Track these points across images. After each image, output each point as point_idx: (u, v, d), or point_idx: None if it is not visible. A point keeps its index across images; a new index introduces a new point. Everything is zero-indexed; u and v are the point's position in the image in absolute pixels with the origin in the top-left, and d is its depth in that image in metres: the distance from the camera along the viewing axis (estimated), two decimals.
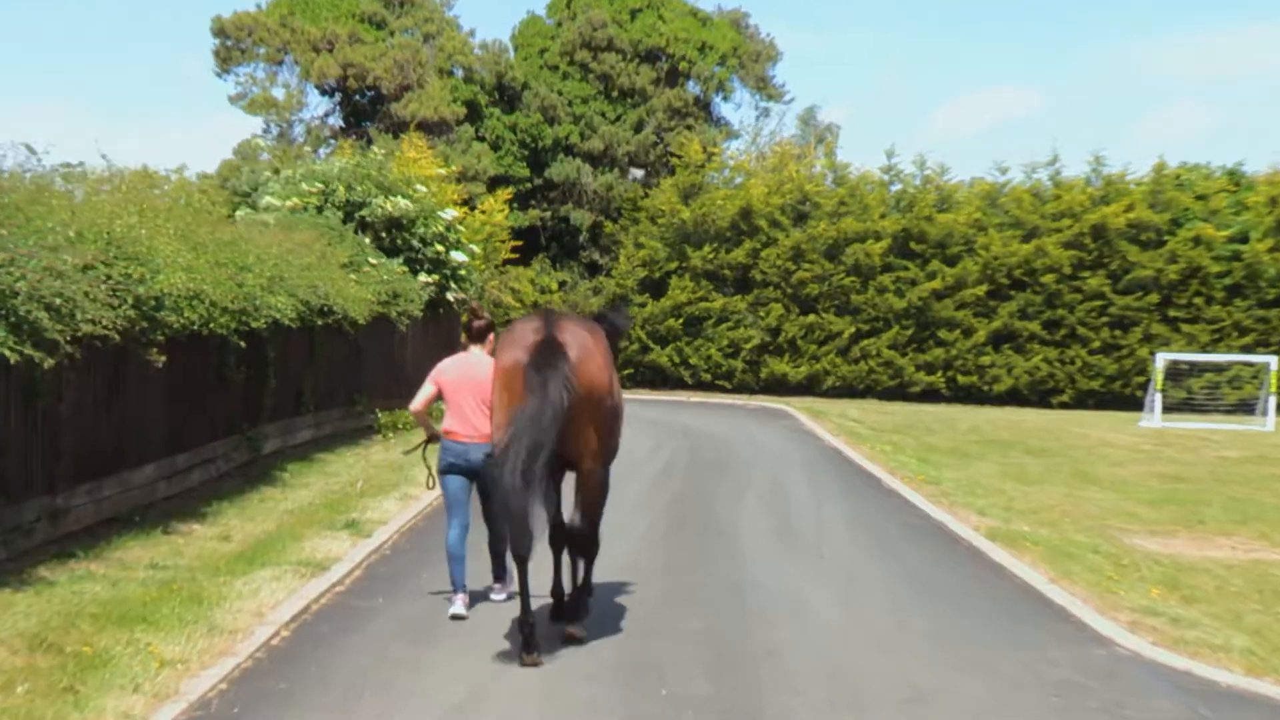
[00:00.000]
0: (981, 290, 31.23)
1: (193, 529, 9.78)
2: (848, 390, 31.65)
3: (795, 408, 26.43)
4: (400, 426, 17.98)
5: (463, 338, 8.04)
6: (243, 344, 11.61)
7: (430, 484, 8.32)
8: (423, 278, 19.52)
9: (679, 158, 34.52)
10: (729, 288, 32.85)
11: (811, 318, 31.87)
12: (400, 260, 19.11)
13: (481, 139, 35.30)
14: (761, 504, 12.57)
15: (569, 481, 7.12)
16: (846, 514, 12.06)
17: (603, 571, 8.89)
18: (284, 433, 14.40)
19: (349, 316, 15.19)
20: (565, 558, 7.55)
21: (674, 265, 32.92)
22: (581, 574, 7.32)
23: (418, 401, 7.92)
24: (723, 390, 31.98)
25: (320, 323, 14.50)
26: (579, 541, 7.18)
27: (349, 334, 16.12)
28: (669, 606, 8.00)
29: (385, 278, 17.46)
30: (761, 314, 32.18)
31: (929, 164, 33.15)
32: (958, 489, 13.77)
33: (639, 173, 36.54)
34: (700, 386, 32.10)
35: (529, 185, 36.11)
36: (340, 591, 8.18)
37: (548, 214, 36.68)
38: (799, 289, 32.00)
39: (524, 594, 6.73)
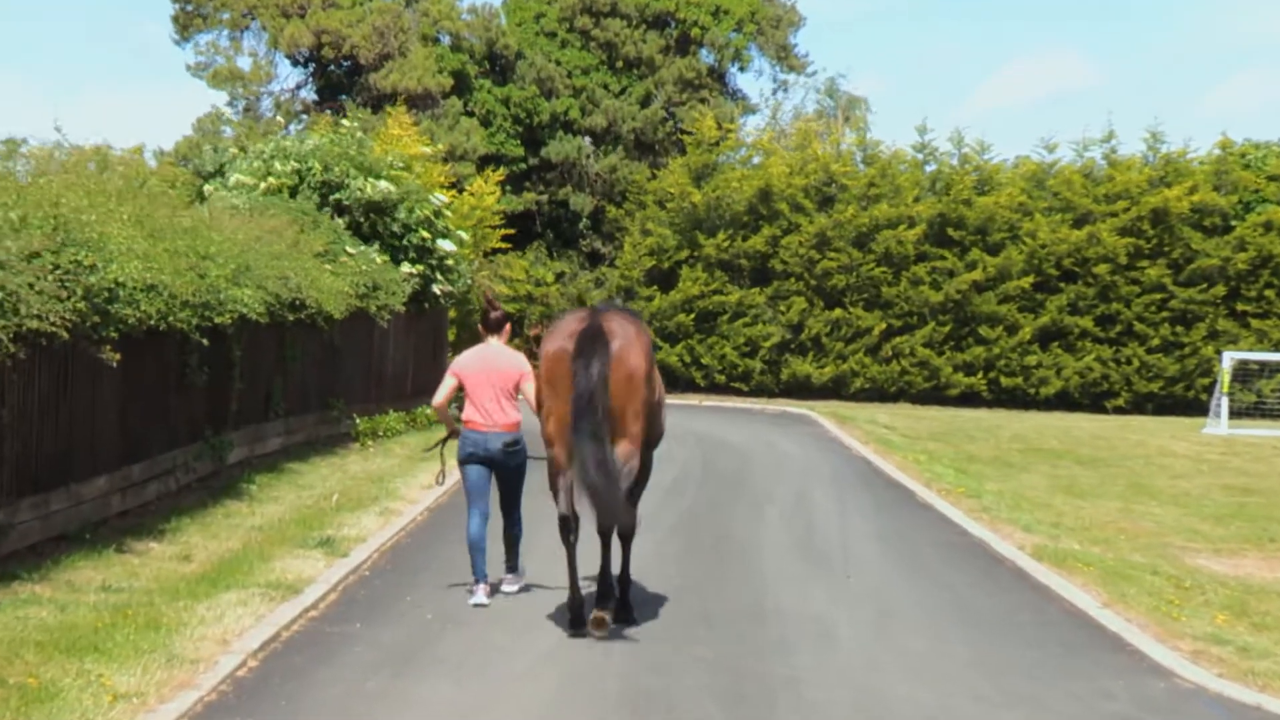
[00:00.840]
0: (1027, 282, 31.21)
1: (150, 547, 9.80)
2: (878, 393, 31.63)
3: (820, 413, 26.42)
4: (380, 434, 18.01)
5: (480, 329, 9.13)
6: (205, 341, 11.62)
7: (440, 479, 9.90)
8: (405, 268, 19.53)
9: (690, 134, 34.51)
10: (746, 279, 32.85)
11: (838, 312, 31.86)
12: (380, 248, 19.12)
13: (470, 114, 35.32)
14: (782, 520, 12.58)
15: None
16: (877, 531, 12.07)
17: None
18: (251, 440, 14.42)
19: (324, 311, 15.20)
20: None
21: (684, 254, 32.92)
22: (620, 564, 8.17)
23: (439, 396, 8.92)
24: (739, 393, 31.98)
25: (292, 318, 14.51)
26: (622, 529, 8.06)
27: (324, 331, 16.14)
28: (679, 632, 8.00)
29: (364, 268, 17.47)
30: (782, 308, 32.17)
31: (967, 141, 33.21)
32: (1000, 503, 13.76)
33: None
34: (714, 389, 32.10)
35: (523, 166, 36.14)
36: (314, 617, 8.19)
37: (544, 197, 36.70)
38: (824, 280, 32.00)
39: (573, 575, 8.02)
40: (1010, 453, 19.41)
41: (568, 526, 8.09)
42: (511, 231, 32.35)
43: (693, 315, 32.09)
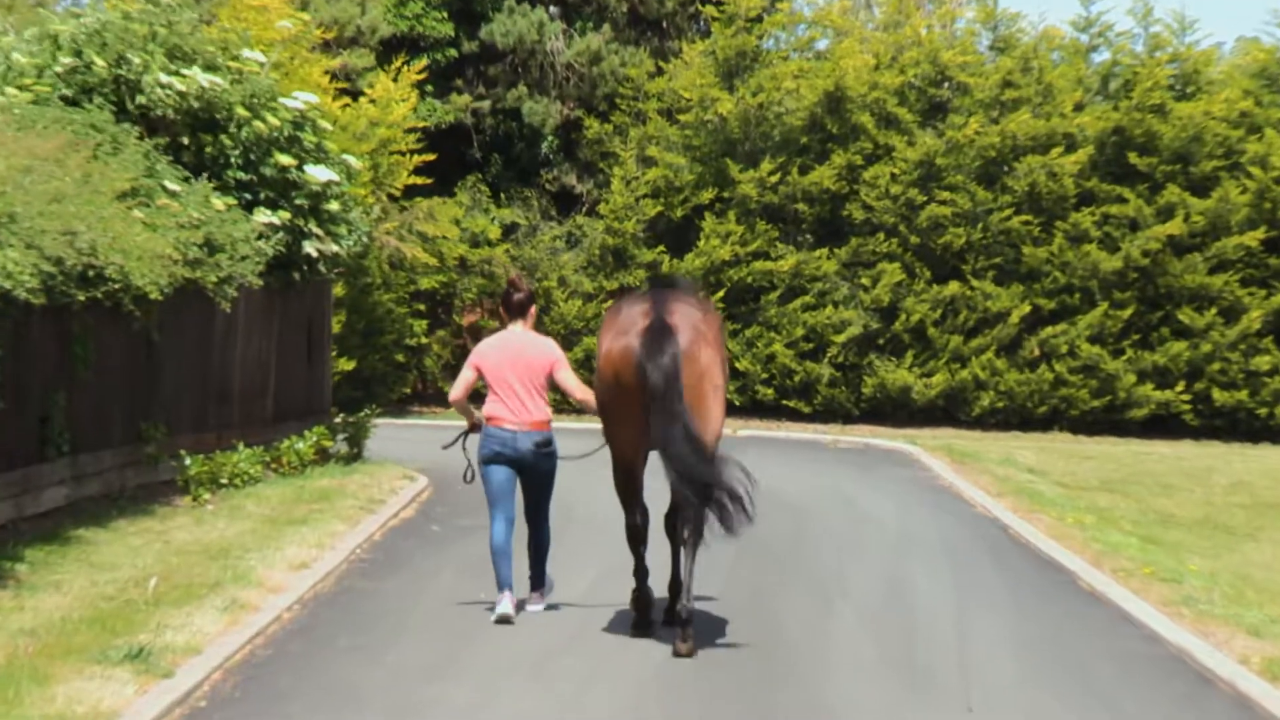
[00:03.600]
0: (1254, 238, 31.24)
1: None
2: (1017, 416, 31.63)
3: (926, 447, 26.36)
4: (226, 481, 17.97)
5: (500, 313, 11.97)
6: None
7: (469, 477, 12.26)
8: (261, 217, 19.44)
9: (718, 5, 34.46)
10: (806, 235, 32.82)
11: (954, 288, 31.84)
12: (219, 185, 19.00)
13: None
14: (864, 619, 12.61)
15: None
16: (1015, 637, 12.08)
17: None
18: (16, 492, 14.40)
19: (133, 287, 15.15)
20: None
21: (708, 195, 32.89)
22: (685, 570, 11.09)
23: (457, 389, 11.90)
24: (796, 416, 31.98)
25: (83, 297, 14.48)
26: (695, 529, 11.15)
27: (134, 318, 16.11)
28: None
29: (196, 216, 17.40)
30: (865, 281, 32.15)
31: (1158, 14, 33.31)
32: (1213, 591, 13.73)
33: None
34: (756, 409, 32.11)
35: (453, 54, 36.14)
36: None
37: (485, 104, 36.66)
38: (931, 236, 31.98)
39: (642, 580, 11.51)
40: (1228, 510, 19.37)
41: (638, 536, 11.57)
42: (433, 157, 32.23)
43: (722, 293, 32.07)
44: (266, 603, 12.14)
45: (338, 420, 22.18)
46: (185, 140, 19.23)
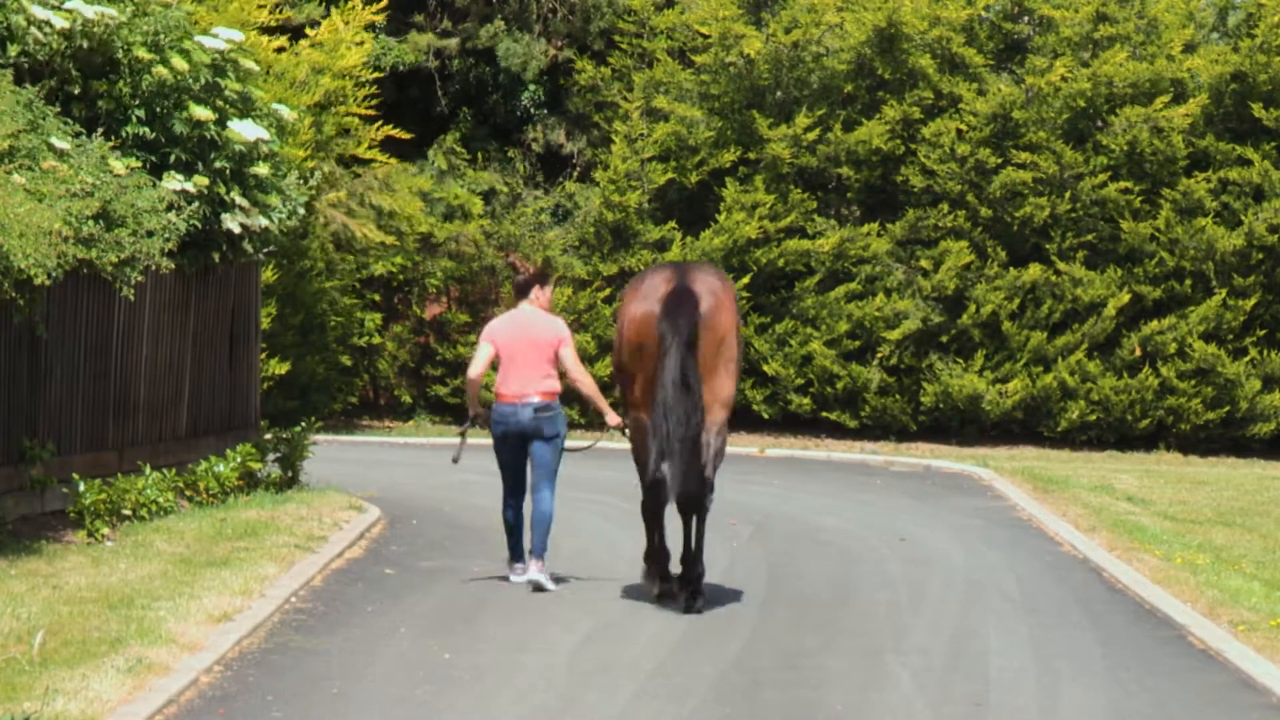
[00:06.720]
0: None
1: None
2: (1114, 431, 31.67)
3: (1000, 471, 26.35)
4: (130, 513, 17.92)
5: (510, 295, 15.50)
6: None
7: (456, 458, 15.70)
8: (171, 183, 19.37)
9: None
10: (853, 207, 32.78)
11: (1035, 272, 31.81)
12: (119, 143, 18.97)
13: None
14: (925, 686, 12.59)
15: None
16: (1111, 709, 12.06)
17: None
18: None
19: (14, 268, 15.16)
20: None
21: (730, 157, 32.84)
22: (695, 537, 14.50)
23: (476, 367, 15.26)
24: (839, 431, 32.00)
25: None
26: (700, 504, 14.54)
27: (15, 308, 16.10)
28: None
29: (89, 182, 17.34)
30: (924, 263, 32.11)
31: None
32: None
33: None
34: (789, 423, 32.11)
35: None
36: None
37: (452, 44, 36.59)
38: (1006, 208, 31.95)
39: (659, 537, 14.77)
40: None
41: (659, 492, 14.20)
42: (385, 128, 32.07)
43: (747, 278, 32.11)
44: (180, 663, 12.10)
45: (268, 437, 22.08)
46: (76, 89, 19.14)
